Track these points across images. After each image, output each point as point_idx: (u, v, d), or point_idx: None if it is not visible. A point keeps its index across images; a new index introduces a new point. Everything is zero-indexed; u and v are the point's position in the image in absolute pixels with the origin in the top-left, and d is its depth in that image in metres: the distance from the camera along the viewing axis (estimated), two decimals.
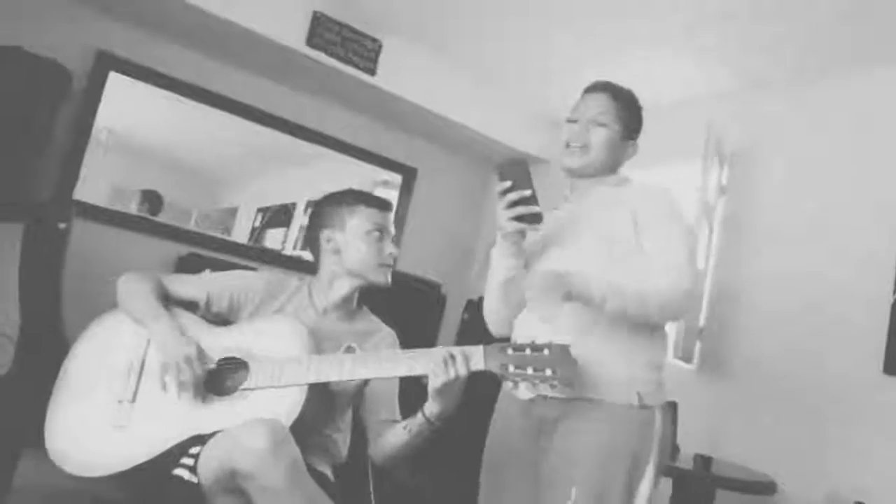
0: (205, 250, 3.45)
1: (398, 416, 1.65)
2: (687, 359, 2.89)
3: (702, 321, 3.03)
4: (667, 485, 2.48)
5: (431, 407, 1.47)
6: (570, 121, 1.69)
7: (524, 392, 1.57)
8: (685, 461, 2.38)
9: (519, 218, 1.48)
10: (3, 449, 1.76)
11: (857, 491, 2.34)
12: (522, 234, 1.55)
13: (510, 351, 1.39)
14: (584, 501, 1.44)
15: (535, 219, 1.48)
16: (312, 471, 1.56)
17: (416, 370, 1.43)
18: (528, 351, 1.38)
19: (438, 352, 1.42)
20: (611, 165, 1.68)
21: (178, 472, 1.36)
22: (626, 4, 2.71)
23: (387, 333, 1.77)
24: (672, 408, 2.52)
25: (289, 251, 3.85)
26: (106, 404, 1.52)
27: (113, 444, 1.46)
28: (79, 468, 1.44)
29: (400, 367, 1.46)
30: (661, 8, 2.67)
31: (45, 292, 2.20)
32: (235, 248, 3.63)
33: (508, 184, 1.47)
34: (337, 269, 1.72)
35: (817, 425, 2.55)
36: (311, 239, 1.78)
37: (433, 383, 1.41)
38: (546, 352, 1.36)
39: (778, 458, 2.56)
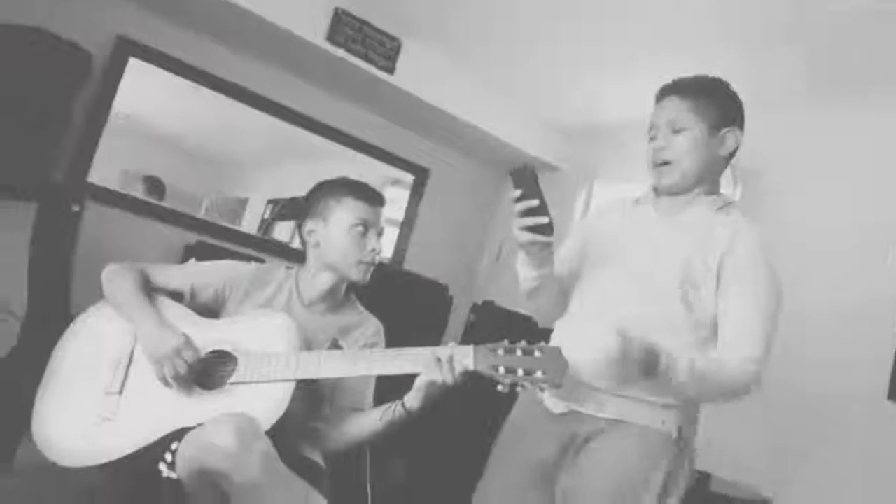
0: (213, 239, 3.46)
1: (366, 406, 1.65)
2: None
3: None
4: None
5: (413, 400, 1.47)
6: (650, 139, 1.54)
7: (557, 405, 1.51)
8: None
9: (530, 228, 1.38)
10: (5, 427, 1.77)
11: None
12: (542, 245, 1.42)
13: (500, 351, 1.37)
14: None
15: (544, 230, 1.38)
16: (303, 458, 1.57)
17: (405, 370, 1.43)
18: (519, 352, 1.36)
19: (428, 353, 1.41)
20: (707, 172, 1.50)
21: (161, 466, 1.36)
22: (642, 15, 2.69)
23: (370, 325, 1.75)
24: None
25: (297, 244, 3.85)
26: (94, 395, 1.51)
27: (99, 434, 1.46)
28: (64, 457, 1.43)
29: (388, 367, 1.45)
30: (673, 23, 2.67)
31: (54, 273, 2.22)
32: (244, 239, 3.64)
33: (519, 192, 1.37)
34: (318, 263, 1.69)
35: (818, 448, 2.53)
36: (298, 229, 1.77)
37: (421, 379, 1.42)
38: (537, 353, 1.35)
39: (776, 478, 2.55)
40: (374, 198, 1.69)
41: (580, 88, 3.52)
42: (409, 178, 4.19)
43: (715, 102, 1.51)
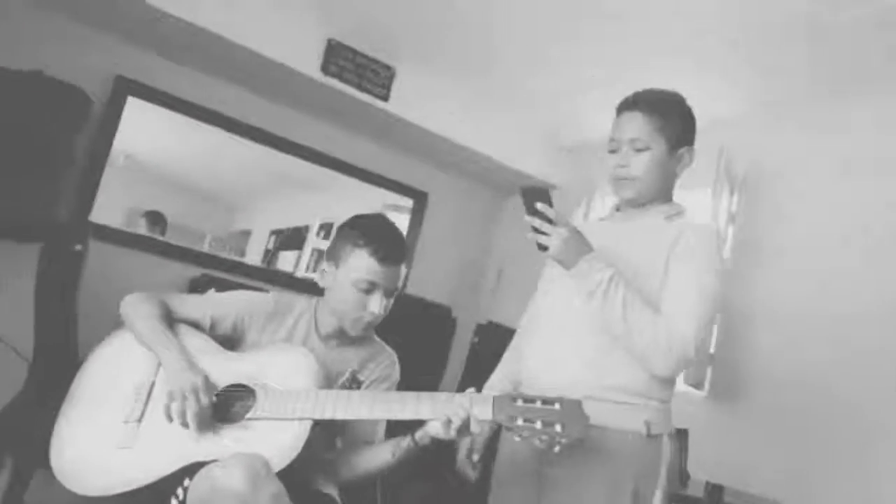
0: (218, 272, 3.48)
1: (377, 440, 1.64)
2: (698, 385, 2.87)
3: (713, 348, 3.01)
4: None
5: (425, 437, 1.46)
6: (610, 151, 1.60)
7: None
8: (696, 489, 2.35)
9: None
10: (16, 468, 1.77)
11: None
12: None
13: (520, 402, 1.35)
14: None
15: (540, 248, 1.46)
16: (319, 494, 1.56)
17: (422, 416, 1.41)
18: (538, 403, 1.33)
19: (446, 399, 1.39)
20: (665, 186, 1.60)
21: (172, 501, 1.34)
22: (636, 28, 2.73)
23: (384, 357, 1.74)
24: (683, 435, 2.50)
25: (301, 273, 3.87)
26: (112, 423, 1.50)
27: (115, 464, 1.45)
28: (80, 486, 1.43)
29: (405, 412, 1.42)
30: (672, 32, 2.70)
31: (60, 312, 2.23)
32: (248, 270, 3.66)
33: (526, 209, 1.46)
34: (328, 305, 1.67)
35: (830, 453, 2.51)
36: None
37: (431, 429, 1.40)
38: (557, 406, 1.32)
39: (790, 485, 2.53)
40: (389, 257, 1.59)
41: (576, 105, 3.55)
42: (408, 202, 4.22)
43: (676, 123, 1.58)
